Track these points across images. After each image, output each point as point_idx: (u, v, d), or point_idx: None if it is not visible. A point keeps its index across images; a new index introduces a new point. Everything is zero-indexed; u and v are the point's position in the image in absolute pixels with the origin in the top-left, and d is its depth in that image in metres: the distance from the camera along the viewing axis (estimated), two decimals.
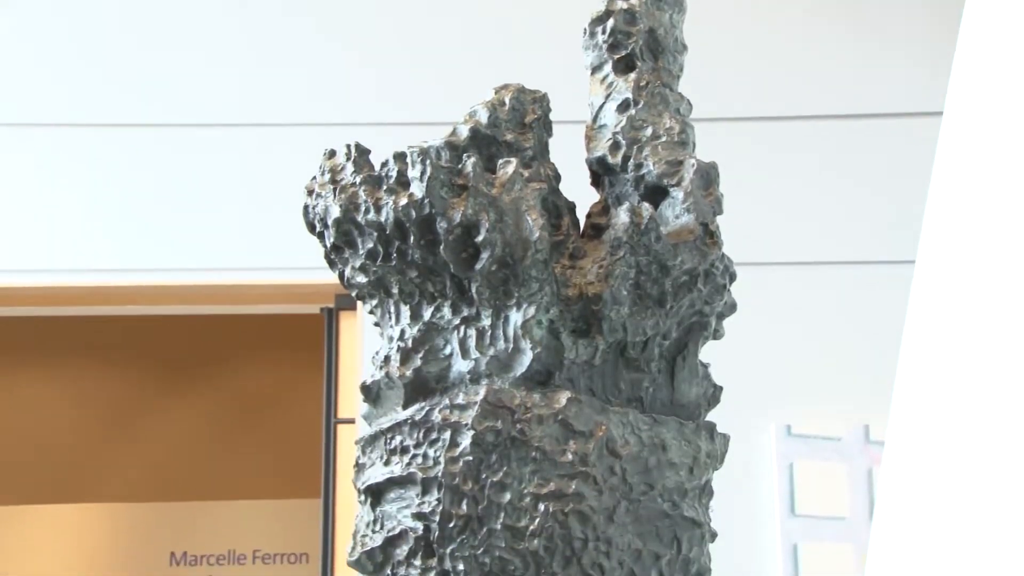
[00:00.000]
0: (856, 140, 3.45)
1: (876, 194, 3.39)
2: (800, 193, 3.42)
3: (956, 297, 1.28)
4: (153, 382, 6.32)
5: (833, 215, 3.39)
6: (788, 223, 3.39)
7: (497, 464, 1.00)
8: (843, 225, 3.39)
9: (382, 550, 1.05)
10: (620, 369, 1.06)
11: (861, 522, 3.14)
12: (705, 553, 1.06)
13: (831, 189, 3.42)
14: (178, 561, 6.04)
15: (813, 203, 3.41)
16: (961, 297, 1.28)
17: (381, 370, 1.09)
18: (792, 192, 3.42)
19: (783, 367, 3.26)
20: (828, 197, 3.41)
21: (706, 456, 1.07)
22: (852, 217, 3.39)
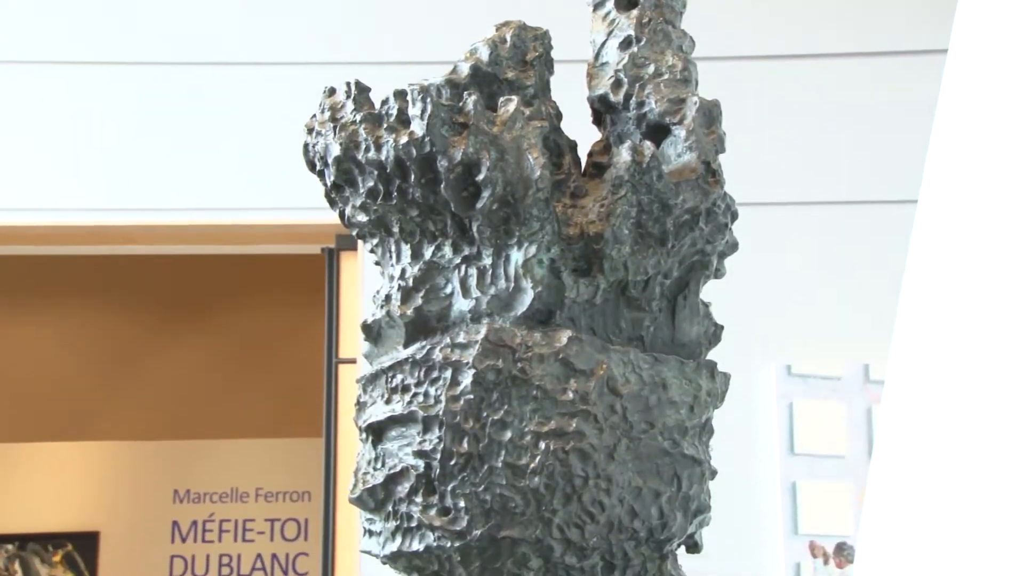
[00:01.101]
0: (859, 78, 3.43)
1: (879, 133, 3.37)
2: (802, 132, 3.41)
3: (958, 236, 1.28)
4: (155, 322, 6.34)
5: (835, 154, 3.38)
6: (790, 162, 3.38)
7: (498, 403, 1.00)
8: (845, 164, 3.38)
9: (383, 487, 1.05)
10: (621, 308, 1.06)
11: (860, 461, 3.16)
12: (705, 491, 1.07)
13: (833, 128, 3.40)
14: (181, 499, 6.09)
15: (815, 142, 3.40)
16: (963, 236, 1.27)
17: (382, 309, 1.09)
18: (793, 131, 3.41)
19: (783, 307, 3.27)
20: (830, 136, 3.40)
21: (706, 395, 1.07)
22: (854, 156, 3.38)
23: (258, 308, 6.35)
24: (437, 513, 1.02)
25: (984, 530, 1.10)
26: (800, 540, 3.13)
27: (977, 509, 1.12)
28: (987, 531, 1.10)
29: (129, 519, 6.04)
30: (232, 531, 6.09)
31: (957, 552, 1.11)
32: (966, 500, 1.13)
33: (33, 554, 5.98)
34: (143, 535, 6.02)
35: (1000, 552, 1.08)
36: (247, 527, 6.10)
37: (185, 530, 6.07)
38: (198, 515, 6.09)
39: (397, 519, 1.04)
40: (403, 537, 1.04)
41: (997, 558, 1.08)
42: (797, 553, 3.13)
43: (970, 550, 1.10)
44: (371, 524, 1.08)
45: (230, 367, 6.33)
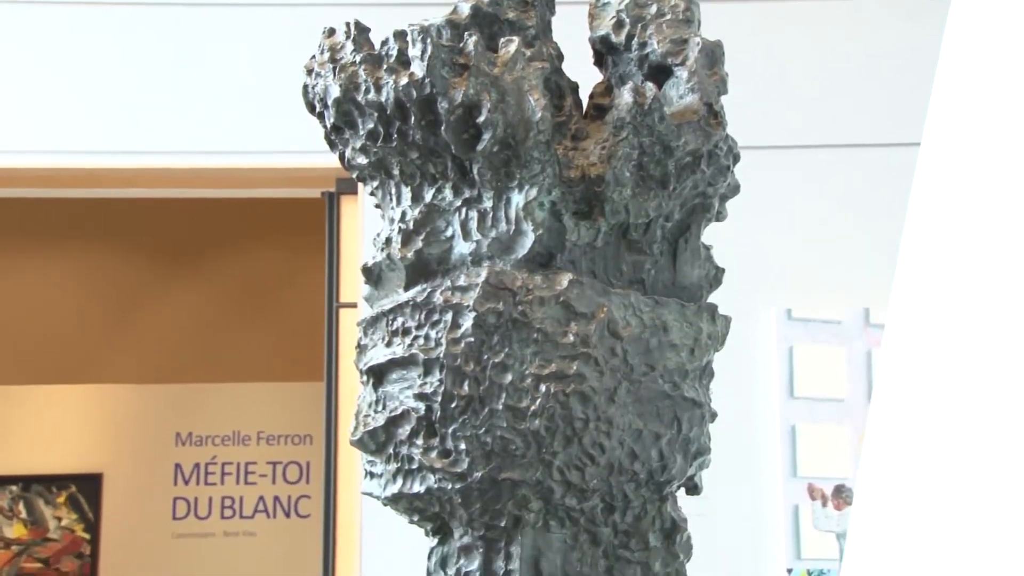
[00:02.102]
0: (863, 19, 3.40)
1: (882, 75, 3.35)
2: (804, 73, 3.39)
3: (961, 179, 1.27)
4: (156, 266, 6.34)
5: (838, 96, 3.36)
6: (791, 104, 3.36)
7: (499, 345, 1.00)
8: (847, 106, 3.36)
9: (384, 430, 1.05)
10: (622, 251, 1.06)
11: (859, 404, 3.17)
12: (705, 433, 1.07)
13: (837, 70, 3.38)
14: (183, 441, 6.12)
15: (817, 84, 3.38)
16: (966, 180, 1.27)
17: (382, 252, 1.09)
18: (796, 72, 3.38)
19: (784, 251, 3.27)
20: (833, 78, 3.38)
21: (707, 337, 1.07)
22: (857, 98, 3.36)
23: (259, 252, 6.35)
24: (438, 455, 1.02)
25: (982, 470, 1.11)
26: (799, 482, 3.15)
27: (976, 450, 1.12)
28: (985, 472, 1.10)
29: (132, 461, 6.08)
30: (234, 474, 6.13)
31: (955, 492, 1.12)
32: (966, 441, 1.14)
33: (37, 495, 6.02)
34: (146, 477, 6.07)
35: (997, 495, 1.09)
36: (249, 470, 6.14)
37: (188, 472, 6.11)
38: (200, 458, 6.13)
39: (398, 461, 1.05)
40: (404, 479, 1.05)
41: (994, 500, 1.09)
42: (796, 495, 3.15)
43: (968, 491, 1.11)
44: (372, 466, 1.09)
45: (231, 311, 6.34)
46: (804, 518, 3.13)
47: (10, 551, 5.99)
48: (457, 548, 1.05)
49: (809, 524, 3.13)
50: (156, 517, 6.05)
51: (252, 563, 6.03)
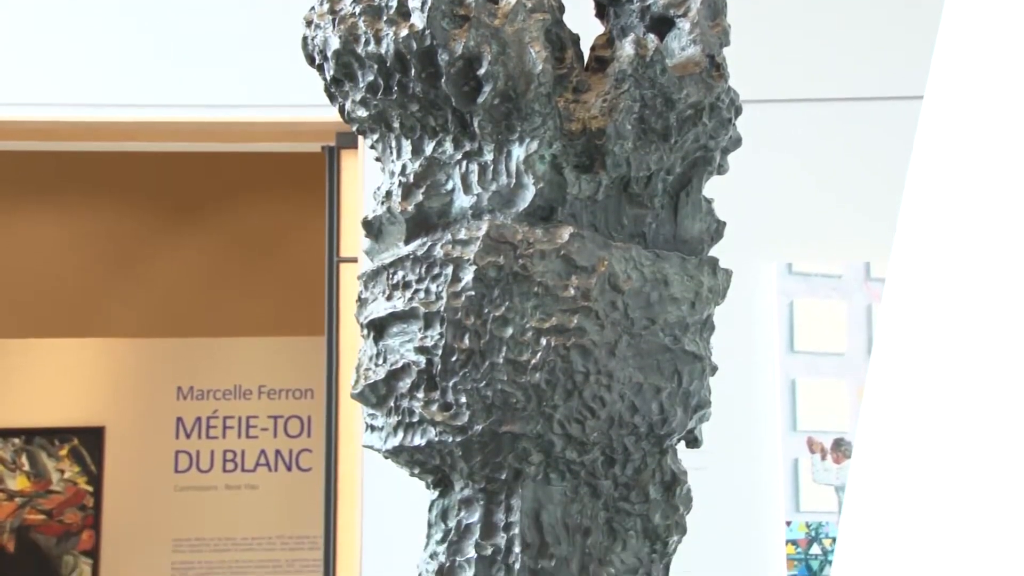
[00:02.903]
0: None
1: (884, 27, 3.33)
2: (807, 27, 3.36)
3: (964, 133, 1.27)
4: (156, 220, 6.34)
5: (839, 49, 3.34)
6: (794, 58, 3.34)
7: (499, 299, 1.00)
8: (848, 60, 3.34)
9: (385, 383, 1.06)
10: (623, 205, 1.05)
11: (859, 358, 3.18)
12: (705, 386, 1.07)
13: (837, 22, 3.36)
14: (185, 395, 6.14)
15: (820, 37, 3.36)
16: (969, 134, 1.26)
17: (383, 205, 1.08)
18: (799, 26, 3.36)
19: (785, 205, 3.26)
20: (836, 31, 3.36)
21: (708, 291, 1.07)
22: (859, 52, 3.34)
23: (259, 206, 6.35)
24: (438, 408, 1.02)
25: (981, 421, 1.11)
26: (798, 436, 3.17)
27: (975, 401, 1.12)
28: (983, 422, 1.11)
29: (134, 415, 6.11)
30: (236, 428, 6.16)
31: (954, 443, 1.12)
32: (965, 394, 1.14)
33: (40, 448, 6.05)
34: (148, 431, 6.09)
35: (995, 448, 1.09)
36: (250, 424, 6.17)
37: (189, 426, 6.13)
38: (202, 412, 6.16)
39: (399, 414, 1.05)
40: (405, 432, 1.05)
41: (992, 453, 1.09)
42: (795, 449, 3.16)
43: (967, 441, 1.11)
44: (373, 419, 1.09)
45: (231, 265, 6.35)
46: (803, 471, 3.15)
47: (13, 503, 6.03)
48: (458, 501, 1.06)
49: (808, 477, 3.14)
50: (158, 470, 6.08)
51: (254, 516, 6.07)
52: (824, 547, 3.12)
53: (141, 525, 6.02)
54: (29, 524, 6.02)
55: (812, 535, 3.12)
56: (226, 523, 6.07)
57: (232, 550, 6.06)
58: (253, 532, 6.06)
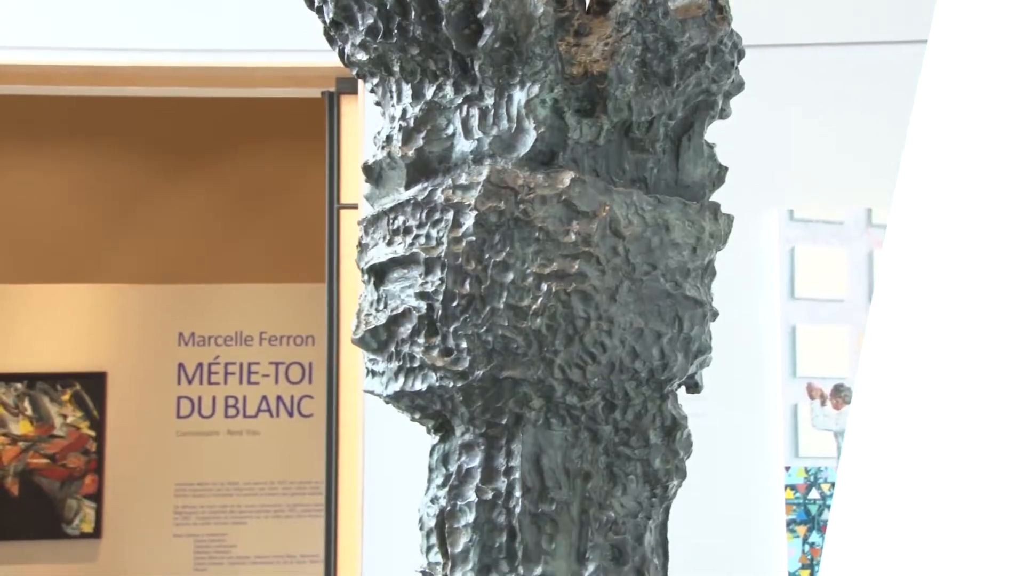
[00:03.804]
0: None
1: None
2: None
3: (968, 78, 1.26)
4: (156, 166, 6.32)
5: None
6: (796, 1, 3.32)
7: (500, 244, 1.00)
8: (852, 4, 3.32)
9: (386, 328, 1.06)
10: (624, 149, 1.05)
11: (860, 305, 3.18)
12: (706, 332, 1.07)
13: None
14: (186, 341, 6.16)
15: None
16: (973, 78, 1.25)
17: (383, 150, 1.08)
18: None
19: (787, 151, 3.25)
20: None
21: (709, 236, 1.07)
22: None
23: (259, 152, 6.33)
24: (439, 354, 1.02)
25: (981, 368, 1.11)
26: (798, 382, 3.18)
27: (977, 349, 1.12)
28: (984, 369, 1.11)
29: (135, 361, 6.13)
30: (237, 374, 6.18)
31: (953, 388, 1.13)
32: (966, 340, 1.14)
33: (42, 393, 6.08)
34: (149, 376, 6.12)
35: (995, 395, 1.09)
36: (252, 370, 6.19)
37: (191, 372, 6.15)
38: (203, 358, 6.17)
39: (399, 360, 1.05)
40: (405, 377, 1.05)
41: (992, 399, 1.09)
42: (795, 395, 3.17)
43: (967, 386, 1.12)
44: (374, 364, 1.09)
45: (232, 211, 6.34)
46: (803, 417, 3.16)
47: (17, 447, 6.07)
48: (458, 445, 1.06)
49: (807, 423, 3.16)
50: (160, 416, 6.11)
51: (256, 461, 6.11)
52: (823, 492, 3.14)
53: (144, 470, 6.07)
54: (33, 468, 6.06)
55: (811, 480, 3.14)
56: (228, 468, 6.11)
57: (234, 495, 6.10)
58: (255, 477, 6.11)
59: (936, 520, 1.11)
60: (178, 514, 6.07)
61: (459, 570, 1.03)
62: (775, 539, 3.14)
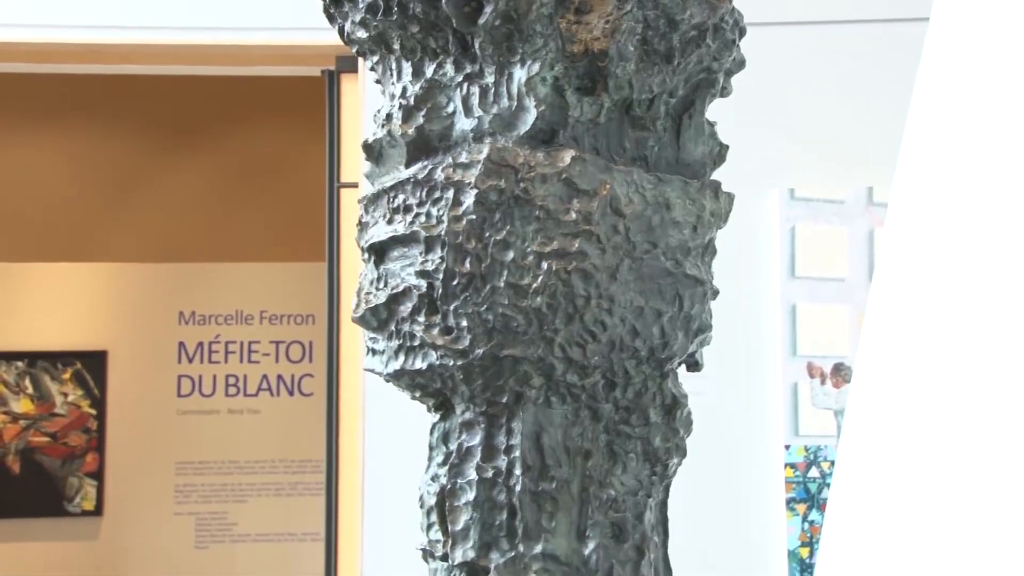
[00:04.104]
0: None
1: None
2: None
3: (970, 57, 1.25)
4: (155, 144, 6.31)
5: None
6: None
7: (500, 223, 1.00)
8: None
9: (386, 307, 1.06)
10: (625, 127, 1.04)
11: (860, 284, 3.18)
12: (706, 310, 1.07)
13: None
14: (187, 320, 6.16)
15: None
16: (975, 57, 1.25)
17: (383, 128, 1.08)
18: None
19: (788, 130, 3.24)
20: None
21: (710, 215, 1.06)
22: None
23: (259, 131, 6.32)
24: (439, 332, 1.02)
25: (982, 346, 1.11)
26: (798, 361, 3.18)
27: (978, 327, 1.12)
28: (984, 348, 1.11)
29: (136, 339, 6.13)
30: (238, 352, 6.18)
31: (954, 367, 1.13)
32: (967, 319, 1.14)
33: (43, 371, 6.08)
34: (150, 355, 6.12)
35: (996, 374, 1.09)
36: (252, 349, 6.19)
37: (191, 351, 6.16)
38: (204, 336, 6.18)
39: (400, 338, 1.05)
40: (406, 356, 1.05)
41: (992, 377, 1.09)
42: (795, 374, 3.18)
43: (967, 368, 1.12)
44: (374, 343, 1.09)
45: (232, 190, 6.33)
46: (803, 396, 3.16)
47: (18, 425, 6.08)
48: (459, 424, 1.06)
49: (807, 402, 3.16)
50: (161, 394, 6.12)
51: (257, 440, 6.12)
52: (822, 470, 3.15)
53: (144, 448, 6.08)
54: (34, 446, 6.07)
55: (810, 459, 3.14)
56: (229, 447, 6.12)
57: (235, 473, 6.12)
58: (256, 455, 6.12)
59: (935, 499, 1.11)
60: (179, 492, 6.08)
61: (459, 548, 1.04)
62: (775, 517, 3.15)
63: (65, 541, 6.05)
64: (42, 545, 6.04)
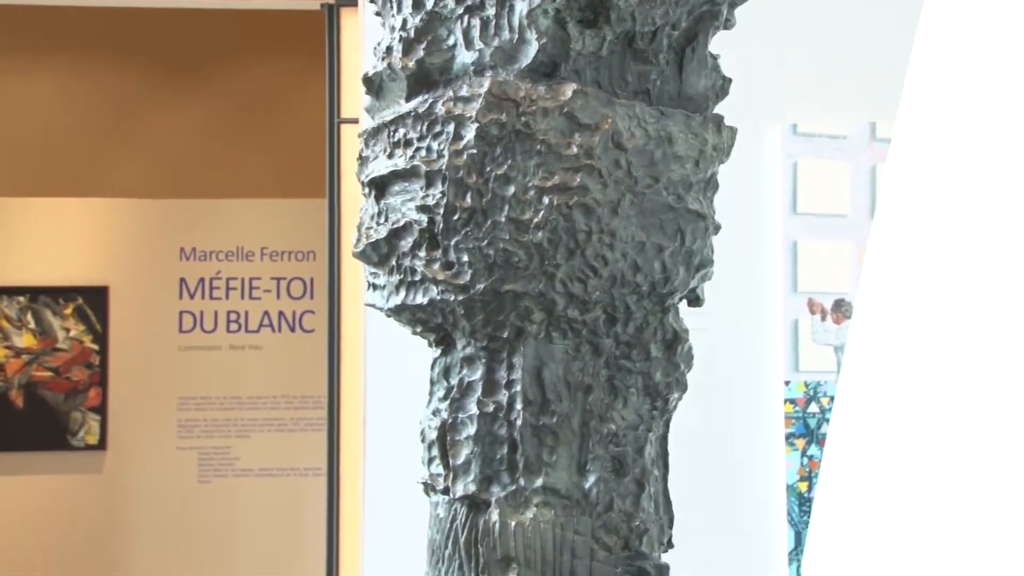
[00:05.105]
0: None
1: None
2: None
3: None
4: (154, 79, 6.27)
5: None
6: None
7: (501, 157, 0.99)
8: None
9: (387, 242, 1.05)
10: (627, 61, 1.03)
11: (862, 220, 3.17)
12: (708, 245, 1.07)
13: None
14: (188, 256, 6.16)
15: None
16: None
17: (383, 61, 1.07)
18: None
19: (791, 64, 3.22)
20: None
21: (712, 149, 1.06)
22: None
23: (259, 66, 6.27)
24: (440, 267, 1.02)
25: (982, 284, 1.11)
26: (799, 297, 3.18)
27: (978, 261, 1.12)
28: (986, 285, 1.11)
29: (137, 275, 6.13)
30: (239, 289, 6.19)
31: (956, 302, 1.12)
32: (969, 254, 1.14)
33: (44, 306, 6.09)
34: (152, 291, 6.13)
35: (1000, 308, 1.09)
36: (254, 285, 6.19)
37: (193, 287, 6.16)
38: (205, 273, 6.18)
39: (401, 273, 1.05)
40: (407, 291, 1.05)
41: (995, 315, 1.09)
42: (795, 310, 3.18)
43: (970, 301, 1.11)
44: (375, 278, 1.09)
45: (231, 126, 6.30)
46: (803, 332, 3.17)
47: (20, 360, 6.10)
48: (460, 359, 1.06)
49: (808, 338, 3.17)
50: (163, 330, 6.13)
51: (259, 376, 6.14)
52: (822, 406, 3.16)
53: (147, 384, 6.10)
54: (37, 381, 6.10)
55: (810, 394, 3.16)
56: (231, 383, 6.14)
57: (237, 408, 6.15)
58: (258, 391, 6.14)
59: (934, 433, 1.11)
60: (182, 427, 6.12)
61: (460, 482, 1.04)
62: (774, 452, 3.17)
63: (69, 474, 6.10)
64: (47, 478, 6.09)
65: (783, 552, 3.07)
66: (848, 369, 1.28)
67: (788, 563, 3.08)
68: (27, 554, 6.03)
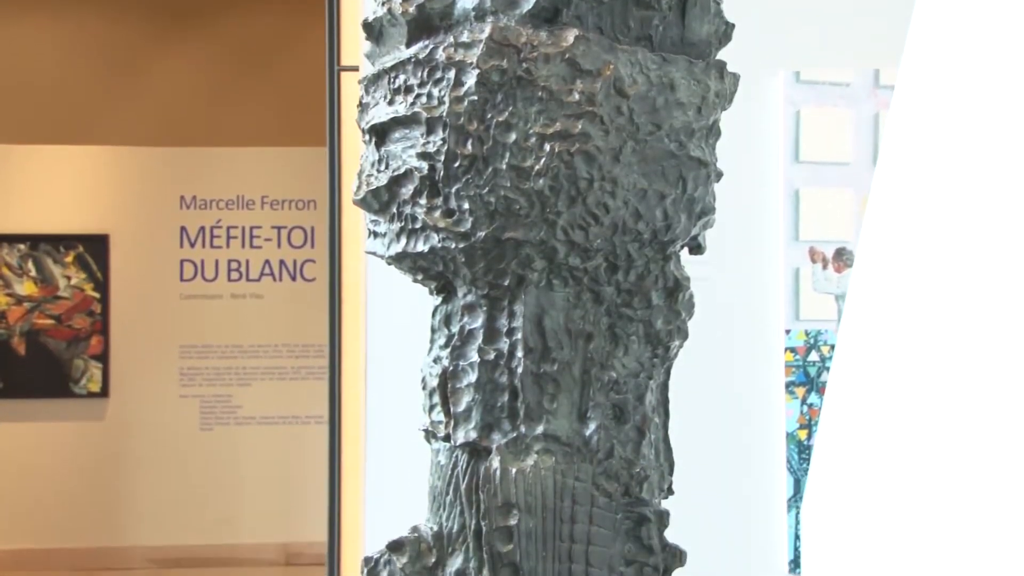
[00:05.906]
0: None
1: None
2: None
3: None
4: (154, 26, 6.23)
5: None
6: None
7: (503, 104, 0.98)
8: None
9: (387, 189, 1.05)
10: (629, 6, 1.02)
11: (864, 168, 3.16)
12: (710, 193, 1.07)
13: None
14: (188, 205, 6.16)
15: None
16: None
17: (383, 6, 1.06)
18: None
19: (794, 10, 3.19)
20: None
21: (715, 95, 1.05)
22: None
23: (258, 13, 6.23)
24: (441, 215, 1.02)
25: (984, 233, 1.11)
26: (800, 246, 3.17)
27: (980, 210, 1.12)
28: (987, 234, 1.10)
29: (138, 223, 6.13)
30: (240, 237, 6.19)
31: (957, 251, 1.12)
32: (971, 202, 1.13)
33: (45, 254, 6.10)
34: (152, 239, 6.13)
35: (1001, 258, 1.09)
36: (254, 234, 6.20)
37: (193, 235, 6.16)
38: (205, 221, 6.18)
39: (401, 220, 1.05)
40: (408, 238, 1.05)
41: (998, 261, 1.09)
42: (796, 258, 3.18)
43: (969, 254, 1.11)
44: (376, 225, 1.09)
45: (231, 74, 6.27)
46: (804, 280, 3.17)
47: (22, 307, 6.11)
48: (461, 306, 1.06)
49: (809, 286, 3.17)
50: (164, 278, 6.14)
51: (260, 324, 6.16)
52: (822, 354, 3.17)
53: (148, 332, 6.12)
54: (39, 328, 6.12)
55: (811, 343, 3.16)
56: (232, 331, 6.16)
57: (239, 357, 6.17)
58: (259, 340, 6.16)
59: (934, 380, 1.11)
60: (183, 375, 6.14)
61: (461, 429, 1.05)
62: (774, 400, 3.18)
63: (72, 421, 6.13)
64: (49, 425, 6.12)
65: (782, 499, 3.09)
66: (849, 318, 1.28)
67: (787, 510, 3.10)
68: (30, 500, 6.07)
